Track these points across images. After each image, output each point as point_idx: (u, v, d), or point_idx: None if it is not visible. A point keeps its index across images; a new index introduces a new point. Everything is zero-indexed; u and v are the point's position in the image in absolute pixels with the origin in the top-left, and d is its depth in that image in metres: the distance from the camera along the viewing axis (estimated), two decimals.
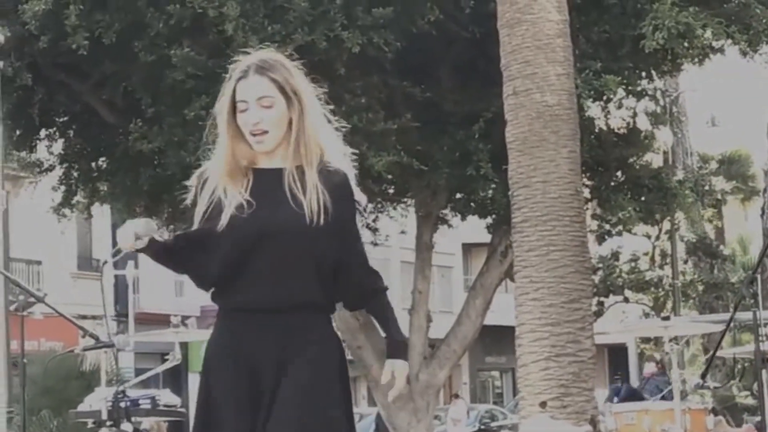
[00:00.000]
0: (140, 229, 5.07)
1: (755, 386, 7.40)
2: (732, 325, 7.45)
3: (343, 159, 5.27)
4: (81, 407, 12.47)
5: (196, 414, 5.23)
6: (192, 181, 5.27)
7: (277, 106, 5.12)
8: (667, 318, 8.31)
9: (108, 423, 10.64)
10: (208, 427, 5.14)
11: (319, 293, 5.12)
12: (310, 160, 5.12)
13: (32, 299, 9.15)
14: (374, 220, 25.36)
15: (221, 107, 5.17)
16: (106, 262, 5.06)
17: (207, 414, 5.17)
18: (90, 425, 11.64)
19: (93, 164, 23.37)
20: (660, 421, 8.06)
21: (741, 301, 7.64)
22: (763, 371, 7.24)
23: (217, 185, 5.12)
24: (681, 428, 7.67)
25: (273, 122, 5.11)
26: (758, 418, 8.23)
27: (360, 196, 5.31)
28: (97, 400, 11.85)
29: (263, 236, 5.07)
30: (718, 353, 8.40)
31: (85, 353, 16.11)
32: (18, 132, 20.75)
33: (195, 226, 5.23)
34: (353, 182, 5.28)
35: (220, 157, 5.15)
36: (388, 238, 28.43)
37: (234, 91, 5.15)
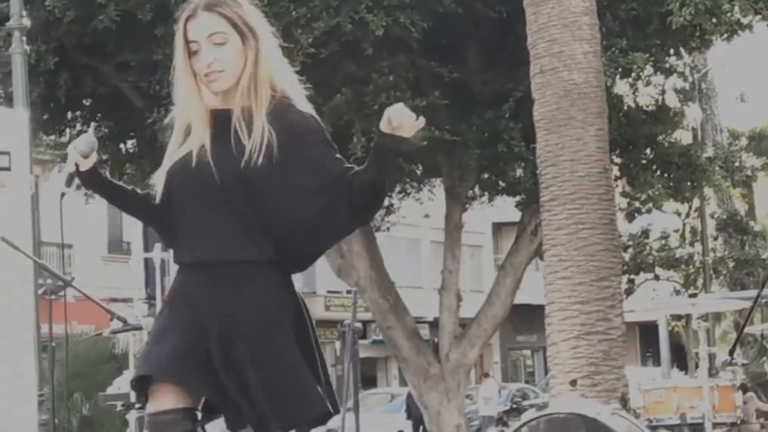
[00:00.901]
0: (82, 144, 4.97)
1: None
2: (761, 301, 7.45)
3: (301, 97, 5.05)
4: (110, 390, 12.52)
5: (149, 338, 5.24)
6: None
7: (231, 42, 4.92)
8: (694, 295, 8.29)
9: (137, 406, 10.67)
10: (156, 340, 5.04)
11: (264, 247, 4.92)
12: (261, 100, 4.90)
13: (60, 283, 9.19)
14: (400, 200, 25.46)
15: (176, 53, 4.98)
16: (63, 195, 4.82)
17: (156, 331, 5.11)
18: (119, 408, 11.67)
19: (121, 147, 23.47)
20: (688, 398, 8.04)
21: (767, 278, 7.66)
22: None
23: (177, 123, 5.04)
24: (709, 405, 7.65)
25: (228, 60, 4.92)
26: None
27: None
28: (126, 383, 11.90)
29: (200, 182, 4.90)
30: (749, 330, 8.39)
31: (117, 336, 16.16)
32: (46, 116, 20.80)
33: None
34: (315, 120, 5.02)
35: (179, 105, 5.04)
36: (419, 219, 28.60)
37: (185, 33, 4.94)
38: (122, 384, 13.21)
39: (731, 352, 8.84)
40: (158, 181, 5.00)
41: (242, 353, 4.82)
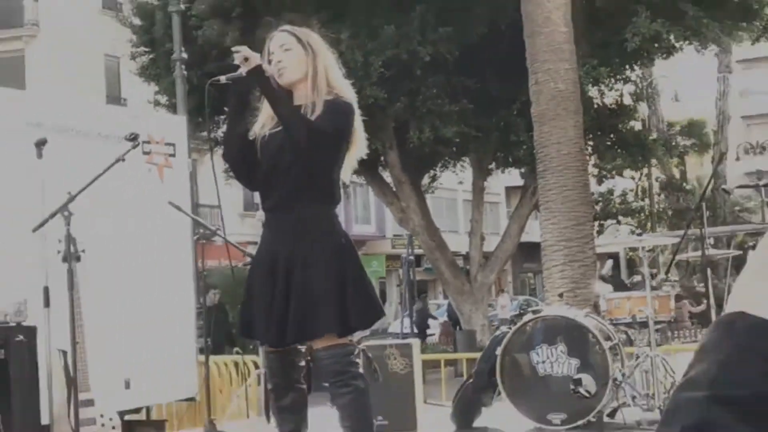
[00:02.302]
0: (248, 51, 4.86)
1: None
2: (690, 236, 7.45)
3: (348, 91, 5.03)
4: None
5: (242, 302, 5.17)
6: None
7: (295, 50, 4.92)
8: (640, 234, 8.27)
9: None
10: (246, 306, 5.02)
11: (315, 195, 4.84)
12: (319, 95, 4.85)
13: (209, 232, 9.24)
14: (441, 172, 25.57)
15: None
16: (219, 79, 4.70)
17: (246, 299, 5.05)
18: None
19: None
20: (637, 305, 8.00)
21: (691, 221, 7.58)
22: (708, 269, 7.21)
23: (263, 118, 5.00)
24: (651, 309, 7.62)
25: (291, 60, 4.91)
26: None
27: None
28: None
29: (277, 158, 4.86)
30: (682, 257, 8.31)
31: (248, 267, 16.19)
32: (199, 120, 20.87)
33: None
34: (355, 105, 5.00)
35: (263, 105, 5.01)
36: (454, 185, 28.68)
37: (268, 49, 4.98)
38: None
39: (666, 272, 8.88)
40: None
41: (294, 274, 4.75)
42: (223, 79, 4.94)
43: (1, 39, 36.92)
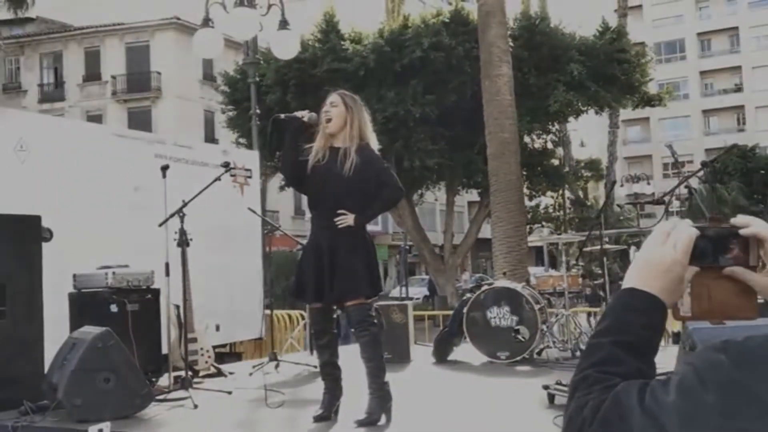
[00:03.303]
0: (308, 116, 4.82)
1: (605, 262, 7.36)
2: (591, 236, 7.40)
3: (374, 142, 4.92)
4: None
5: (295, 274, 5.02)
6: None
7: (339, 107, 4.84)
8: (559, 233, 8.23)
9: None
10: (299, 277, 4.92)
11: (350, 207, 4.70)
12: (353, 142, 4.78)
13: (272, 227, 9.19)
14: (422, 195, 25.43)
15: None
16: (279, 116, 4.68)
17: (299, 272, 4.95)
18: None
19: None
20: (557, 281, 7.97)
21: (593, 226, 7.52)
22: (604, 257, 7.16)
23: (315, 150, 4.86)
24: (566, 283, 7.58)
25: (335, 114, 4.83)
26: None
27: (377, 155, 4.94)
28: None
29: (323, 181, 4.75)
30: (586, 249, 8.27)
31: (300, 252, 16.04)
32: (266, 153, 20.87)
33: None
34: (376, 151, 4.91)
35: (317, 141, 4.89)
36: (433, 201, 28.50)
37: (324, 103, 4.92)
38: None
39: (576, 260, 8.86)
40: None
41: (337, 257, 4.71)
42: (282, 116, 4.94)
43: (136, 99, 37.05)
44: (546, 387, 5.05)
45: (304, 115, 4.84)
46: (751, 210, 28.04)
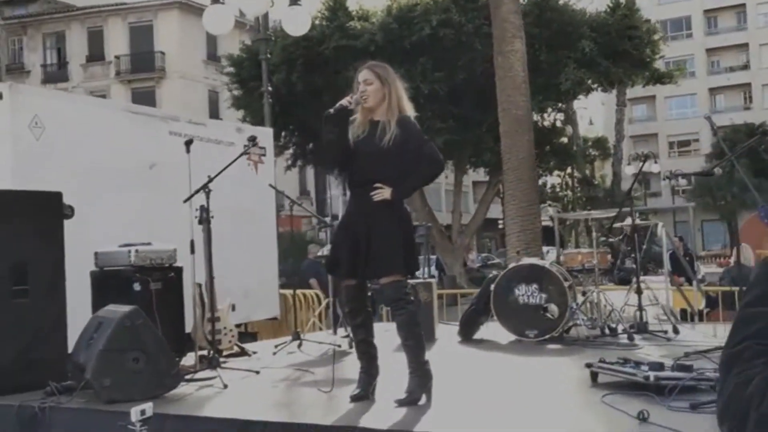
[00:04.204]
0: (354, 100, 4.67)
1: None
2: (620, 212, 7.23)
3: (411, 112, 4.77)
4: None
5: (329, 250, 4.93)
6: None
7: (374, 83, 4.67)
8: (566, 212, 8.07)
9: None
10: (334, 252, 4.84)
11: (389, 181, 4.58)
12: (393, 115, 4.63)
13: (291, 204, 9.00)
14: None
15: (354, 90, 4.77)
16: (329, 113, 4.53)
17: (333, 248, 4.88)
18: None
19: (307, 147, 23.39)
20: (586, 258, 7.82)
21: (623, 203, 7.36)
22: (635, 235, 7.01)
23: (355, 126, 4.72)
24: (595, 260, 7.43)
25: (371, 91, 4.67)
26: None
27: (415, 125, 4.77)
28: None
29: (363, 156, 4.62)
30: (618, 225, 8.12)
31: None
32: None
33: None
34: (414, 121, 4.76)
35: (357, 116, 4.73)
36: (442, 179, 28.35)
37: (357, 81, 4.74)
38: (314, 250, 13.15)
39: (606, 237, 8.69)
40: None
41: (372, 232, 4.56)
42: (331, 111, 4.71)
43: (141, 79, 36.85)
44: (589, 365, 4.90)
45: (351, 102, 4.68)
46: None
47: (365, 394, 4.63)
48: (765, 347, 0.97)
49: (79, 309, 5.70)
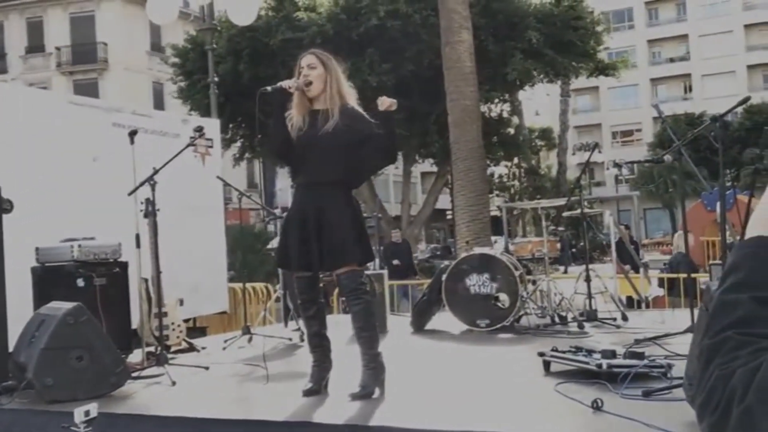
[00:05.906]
0: (294, 84, 4.58)
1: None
2: (569, 201, 7.24)
3: (352, 99, 4.69)
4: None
5: (278, 244, 4.87)
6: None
7: (318, 68, 4.60)
8: (513, 202, 8.10)
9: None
10: (283, 245, 4.71)
11: (338, 175, 4.51)
12: (334, 104, 4.55)
13: (240, 196, 8.84)
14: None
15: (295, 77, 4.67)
16: (266, 89, 4.38)
17: (283, 241, 4.75)
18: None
19: (255, 140, 23.09)
20: (536, 247, 7.83)
21: (571, 192, 7.37)
22: (585, 222, 7.03)
23: (294, 116, 4.63)
24: (546, 249, 7.44)
25: (314, 76, 4.59)
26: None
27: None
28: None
29: (308, 146, 4.53)
30: (567, 214, 8.16)
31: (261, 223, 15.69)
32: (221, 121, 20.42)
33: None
34: (359, 108, 4.66)
35: (295, 107, 4.64)
36: (391, 171, 28.26)
37: (299, 65, 4.66)
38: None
39: (556, 225, 8.69)
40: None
41: (324, 224, 4.48)
42: (268, 89, 4.62)
43: (82, 71, 36.09)
44: (541, 354, 4.88)
45: (291, 85, 4.58)
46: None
47: (318, 388, 4.55)
48: (747, 337, 0.92)
49: (20, 306, 5.50)
